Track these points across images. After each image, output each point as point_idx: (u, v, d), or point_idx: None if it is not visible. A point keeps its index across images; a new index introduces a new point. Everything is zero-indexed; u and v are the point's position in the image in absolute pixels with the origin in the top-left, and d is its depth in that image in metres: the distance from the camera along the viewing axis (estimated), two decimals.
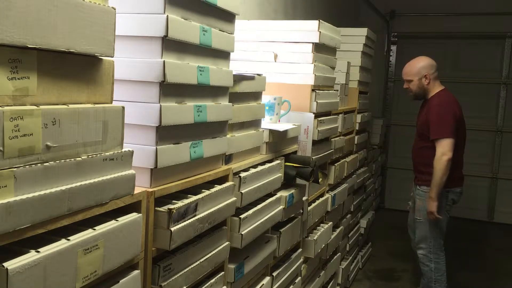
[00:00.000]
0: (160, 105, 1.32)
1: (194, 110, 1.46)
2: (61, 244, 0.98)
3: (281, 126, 2.16)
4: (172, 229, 1.32)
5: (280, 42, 2.58)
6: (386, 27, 6.26)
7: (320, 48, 2.62)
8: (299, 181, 2.33)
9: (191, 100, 1.47)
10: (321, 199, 2.79)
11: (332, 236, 2.99)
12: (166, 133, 1.38)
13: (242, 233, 1.74)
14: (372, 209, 4.83)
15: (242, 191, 1.74)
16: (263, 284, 2.05)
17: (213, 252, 1.61)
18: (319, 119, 2.56)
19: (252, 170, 1.86)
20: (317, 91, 2.54)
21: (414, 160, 3.32)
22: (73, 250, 1.00)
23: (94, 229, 1.08)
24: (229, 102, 1.69)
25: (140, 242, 1.24)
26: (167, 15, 1.31)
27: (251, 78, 1.89)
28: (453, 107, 3.13)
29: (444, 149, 3.04)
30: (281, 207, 2.07)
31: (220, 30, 1.57)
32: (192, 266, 1.48)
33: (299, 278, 2.51)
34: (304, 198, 2.44)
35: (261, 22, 2.71)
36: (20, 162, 0.91)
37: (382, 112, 6.45)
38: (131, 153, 1.20)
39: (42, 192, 0.95)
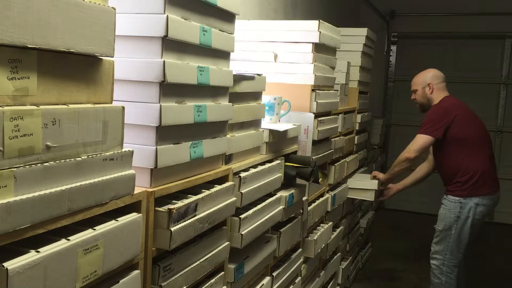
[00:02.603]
0: (160, 105, 1.32)
1: (194, 110, 1.46)
2: (61, 244, 0.98)
3: (281, 126, 2.16)
4: (172, 229, 1.32)
5: (280, 42, 2.58)
6: (386, 27, 6.25)
7: (320, 48, 2.62)
8: (299, 181, 2.33)
9: (191, 100, 1.47)
10: (321, 199, 2.79)
11: (332, 236, 2.99)
12: (166, 133, 1.38)
13: (242, 233, 1.74)
14: (372, 209, 4.84)
15: (242, 191, 1.74)
16: (263, 284, 2.05)
17: (213, 252, 1.61)
18: (319, 119, 2.56)
19: (252, 170, 1.86)
20: (317, 91, 2.54)
21: (440, 174, 3.18)
22: (73, 250, 1.00)
23: (94, 229, 1.08)
24: (229, 102, 1.69)
25: (140, 242, 1.24)
26: (167, 15, 1.31)
27: (251, 78, 1.89)
28: (449, 109, 3.01)
29: (413, 146, 3.01)
30: (281, 207, 2.07)
31: (220, 30, 1.57)
32: (192, 266, 1.48)
33: (299, 278, 2.51)
34: (304, 198, 2.44)
35: (261, 22, 2.71)
36: (20, 162, 0.91)
37: (382, 112, 6.45)
38: (131, 153, 1.20)
39: (42, 192, 0.95)
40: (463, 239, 2.99)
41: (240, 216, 1.73)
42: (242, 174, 1.77)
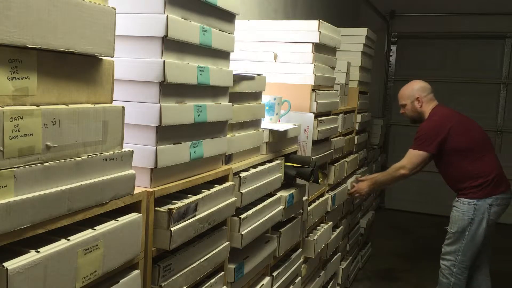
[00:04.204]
0: (160, 105, 1.32)
1: (194, 110, 1.46)
2: (61, 244, 0.98)
3: (281, 126, 2.16)
4: (172, 229, 1.32)
5: (280, 42, 2.58)
6: (386, 27, 6.26)
7: (320, 48, 2.62)
8: (299, 181, 2.33)
9: (191, 100, 1.47)
10: (321, 199, 2.79)
11: (332, 236, 2.99)
12: (166, 133, 1.38)
13: (242, 233, 1.74)
14: (372, 209, 4.83)
15: (242, 191, 1.74)
16: (263, 284, 2.05)
17: (213, 252, 1.61)
18: (319, 119, 2.56)
19: (252, 170, 1.86)
20: (317, 91, 2.54)
21: (447, 183, 3.14)
22: (73, 250, 1.00)
23: (94, 229, 1.08)
24: (229, 102, 1.69)
25: (140, 242, 1.24)
26: (167, 15, 1.31)
27: (251, 78, 1.89)
28: (443, 122, 2.98)
29: (407, 161, 2.98)
30: (281, 207, 2.07)
31: (220, 30, 1.57)
32: (192, 266, 1.48)
33: (299, 278, 2.51)
34: (304, 198, 2.44)
35: (261, 22, 2.71)
36: (20, 162, 0.91)
37: (382, 112, 6.45)
38: (131, 153, 1.20)
39: (42, 192, 0.95)
40: (478, 241, 2.95)
41: (240, 216, 1.73)
42: (242, 174, 1.77)
